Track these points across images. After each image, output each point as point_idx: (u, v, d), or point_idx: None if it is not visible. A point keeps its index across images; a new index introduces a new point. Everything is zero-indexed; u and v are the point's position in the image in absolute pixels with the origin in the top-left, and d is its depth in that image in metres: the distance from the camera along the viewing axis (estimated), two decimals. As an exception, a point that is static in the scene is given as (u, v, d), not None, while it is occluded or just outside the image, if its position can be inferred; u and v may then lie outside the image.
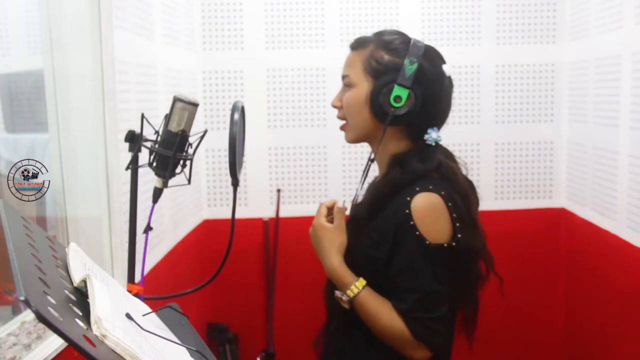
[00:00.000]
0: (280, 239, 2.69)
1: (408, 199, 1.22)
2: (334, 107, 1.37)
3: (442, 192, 1.23)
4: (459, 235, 1.22)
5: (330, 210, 1.35)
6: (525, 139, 2.70)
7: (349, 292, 1.24)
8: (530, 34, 2.65)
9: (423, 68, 1.26)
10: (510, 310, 2.62)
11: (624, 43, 2.13)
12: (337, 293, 1.27)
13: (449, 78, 1.33)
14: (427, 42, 1.32)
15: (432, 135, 1.29)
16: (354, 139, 1.36)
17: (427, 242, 1.20)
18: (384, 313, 1.22)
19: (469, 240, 1.24)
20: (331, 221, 1.32)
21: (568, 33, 2.62)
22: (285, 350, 2.71)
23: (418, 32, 2.59)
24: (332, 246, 1.29)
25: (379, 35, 1.34)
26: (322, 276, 1.37)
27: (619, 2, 2.17)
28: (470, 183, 1.34)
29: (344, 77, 1.35)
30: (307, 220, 2.65)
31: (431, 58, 1.29)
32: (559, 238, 2.72)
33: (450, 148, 1.36)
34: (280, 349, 2.71)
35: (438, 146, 1.31)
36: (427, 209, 1.21)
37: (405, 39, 1.31)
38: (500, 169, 2.71)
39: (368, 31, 2.59)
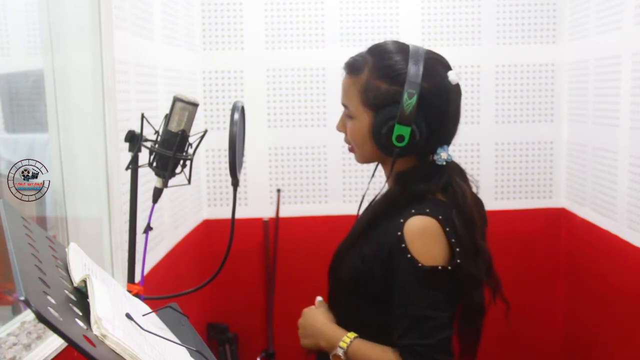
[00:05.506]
0: (280, 239, 2.69)
1: (402, 220, 1.16)
2: (339, 131, 1.32)
3: (440, 216, 1.16)
4: (458, 260, 1.14)
5: None
6: (525, 139, 2.70)
7: (342, 343, 1.19)
8: (530, 34, 2.65)
9: (424, 94, 1.17)
10: (510, 310, 2.62)
11: (624, 43, 2.13)
12: (333, 352, 1.21)
13: (457, 86, 1.24)
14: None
15: (442, 155, 1.22)
16: (363, 161, 1.31)
17: (420, 264, 1.12)
18: (377, 351, 1.17)
19: (471, 269, 1.16)
20: None
21: (568, 33, 2.62)
22: (285, 350, 2.71)
23: (418, 32, 2.59)
24: (316, 319, 1.27)
25: (373, 55, 1.24)
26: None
27: (619, 2, 2.17)
28: (479, 205, 1.27)
29: (343, 104, 1.28)
30: (307, 220, 2.68)
31: (432, 75, 1.19)
32: (559, 238, 2.72)
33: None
34: (280, 349, 2.71)
35: (449, 165, 1.24)
36: (420, 231, 1.15)
37: (401, 58, 1.20)
38: (500, 169, 2.71)
39: (368, 31, 2.61)
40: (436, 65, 1.22)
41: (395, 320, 1.15)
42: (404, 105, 1.16)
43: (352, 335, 1.20)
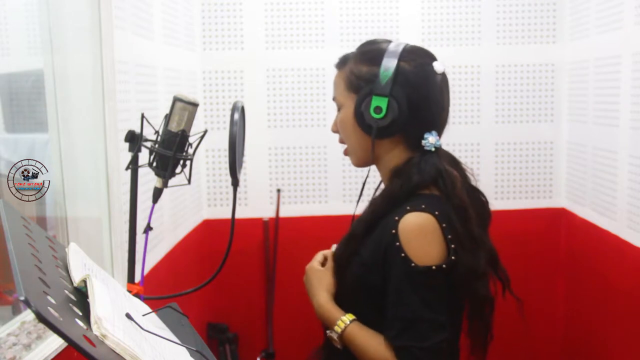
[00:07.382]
0: (280, 239, 2.69)
1: (396, 218, 1.14)
2: (333, 132, 1.33)
3: (436, 212, 1.14)
4: (453, 258, 1.13)
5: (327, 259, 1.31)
6: (525, 139, 2.70)
7: (336, 327, 1.18)
8: (530, 34, 2.65)
9: (403, 71, 1.18)
10: (510, 310, 2.62)
11: (624, 43, 2.13)
12: (328, 332, 1.22)
13: (442, 75, 1.23)
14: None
15: (429, 140, 1.20)
16: (358, 163, 1.31)
17: (413, 264, 1.11)
18: (372, 345, 1.15)
19: (468, 261, 1.14)
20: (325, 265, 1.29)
21: (568, 33, 2.62)
22: (285, 350, 2.71)
23: (418, 33, 2.59)
24: (320, 285, 1.24)
25: (360, 47, 1.27)
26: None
27: (619, 2, 2.17)
28: (475, 194, 1.27)
29: (333, 99, 1.29)
30: (307, 220, 2.68)
31: (412, 58, 1.20)
32: (559, 238, 2.72)
33: (450, 148, 1.29)
34: (280, 349, 2.71)
35: (439, 152, 1.22)
36: (415, 229, 1.13)
37: (383, 45, 1.23)
38: (500, 169, 2.71)
39: (368, 31, 2.61)
40: (419, 53, 1.24)
41: (388, 319, 1.14)
42: (380, 76, 1.18)
43: (347, 319, 1.18)
